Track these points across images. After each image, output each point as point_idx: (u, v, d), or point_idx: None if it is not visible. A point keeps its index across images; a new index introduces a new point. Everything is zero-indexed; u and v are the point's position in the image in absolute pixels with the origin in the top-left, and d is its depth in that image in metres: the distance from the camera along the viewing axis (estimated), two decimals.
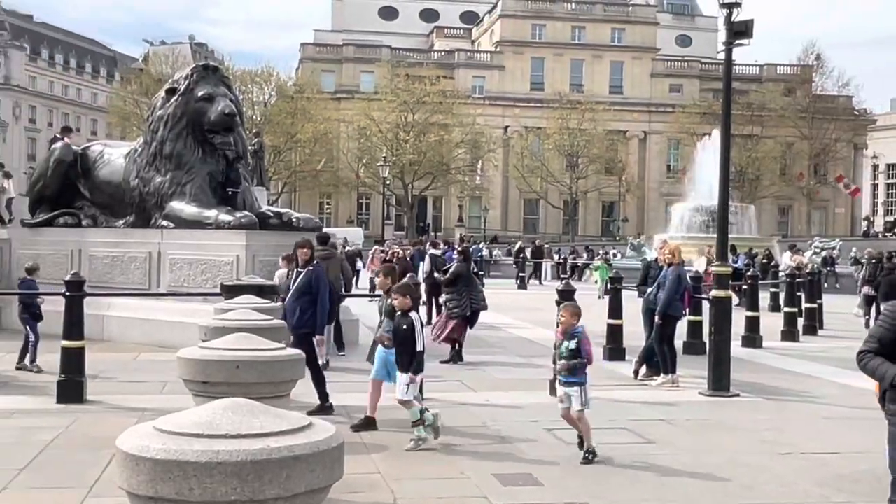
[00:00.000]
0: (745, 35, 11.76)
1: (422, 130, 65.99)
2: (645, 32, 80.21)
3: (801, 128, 72.27)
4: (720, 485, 7.35)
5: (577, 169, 70.80)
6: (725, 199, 12.61)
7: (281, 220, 16.65)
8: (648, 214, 74.57)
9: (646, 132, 77.95)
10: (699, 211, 41.27)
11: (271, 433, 2.81)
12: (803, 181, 74.00)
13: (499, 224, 74.31)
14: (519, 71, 77.87)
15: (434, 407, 10.36)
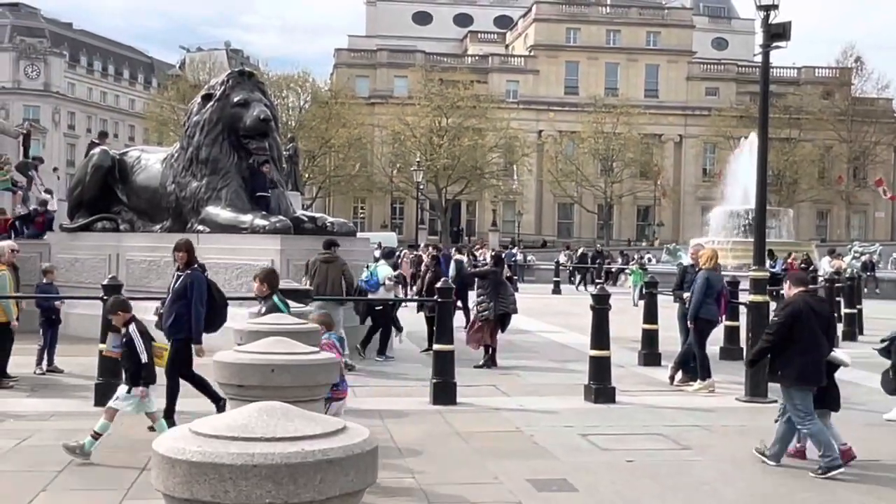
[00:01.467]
0: (782, 37, 11.65)
1: (455, 135, 65.97)
2: (681, 35, 79.63)
3: (839, 131, 71.35)
4: (758, 493, 7.28)
5: (611, 173, 70.40)
6: (763, 202, 12.49)
7: (315, 224, 16.74)
8: (684, 219, 74.01)
9: (681, 136, 77.37)
10: (736, 215, 40.93)
11: (306, 437, 2.82)
12: (842, 185, 73.05)
13: (532, 229, 74.13)
14: (553, 75, 77.67)
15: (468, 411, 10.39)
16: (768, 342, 8.13)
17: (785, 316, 8.10)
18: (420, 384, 11.49)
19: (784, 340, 7.96)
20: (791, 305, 8.15)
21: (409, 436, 8.99)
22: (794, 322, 7.97)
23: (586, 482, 7.38)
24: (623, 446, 8.71)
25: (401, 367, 14.14)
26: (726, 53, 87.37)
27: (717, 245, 27.57)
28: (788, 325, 8.00)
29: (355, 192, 71.25)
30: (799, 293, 8.28)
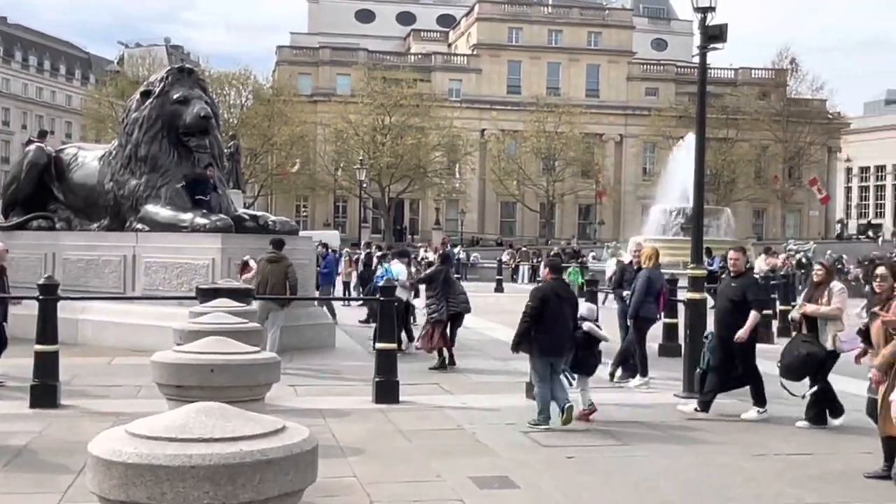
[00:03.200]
0: (719, 39, 11.86)
1: (398, 133, 65.90)
2: (621, 36, 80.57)
3: (775, 131, 72.77)
4: (694, 486, 7.40)
5: (553, 172, 70.98)
6: (701, 201, 12.70)
7: (257, 223, 16.62)
8: (625, 217, 74.84)
9: (622, 135, 78.28)
10: (674, 213, 41.50)
11: (244, 437, 2.80)
12: (778, 184, 74.53)
13: (476, 227, 74.40)
14: (495, 74, 78.02)
15: (411, 410, 10.40)
16: (526, 323, 9.47)
17: (536, 299, 9.49)
18: (363, 383, 11.45)
19: (536, 320, 9.37)
20: (541, 290, 9.72)
21: (351, 435, 8.96)
22: (543, 305, 9.38)
23: (527, 479, 7.43)
24: (564, 443, 8.79)
25: (343, 365, 14.09)
26: (665, 54, 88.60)
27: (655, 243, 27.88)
28: (539, 307, 9.40)
29: (298, 190, 70.77)
30: (550, 279, 9.91)
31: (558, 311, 9.46)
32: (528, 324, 9.44)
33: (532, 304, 9.46)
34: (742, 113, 71.78)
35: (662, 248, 25.41)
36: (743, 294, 10.09)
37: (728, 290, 10.38)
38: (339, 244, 44.73)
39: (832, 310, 9.46)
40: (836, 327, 9.47)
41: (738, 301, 10.05)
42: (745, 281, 10.41)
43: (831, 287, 9.68)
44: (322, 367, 13.82)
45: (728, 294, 10.29)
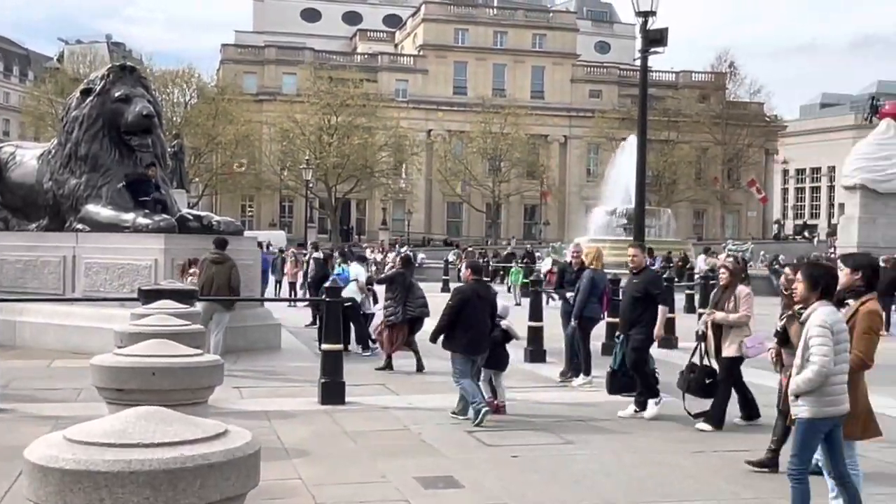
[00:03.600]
0: (660, 43, 12.05)
1: (345, 133, 65.59)
2: (565, 38, 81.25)
3: (714, 133, 74.01)
4: (636, 483, 7.49)
5: (499, 173, 71.32)
6: (642, 202, 12.90)
7: (201, 223, 16.43)
8: (569, 218, 75.44)
9: (566, 137, 78.92)
10: (616, 214, 41.93)
11: (185, 441, 2.76)
12: (717, 185, 75.79)
13: (422, 227, 74.42)
14: (442, 75, 78.13)
15: (357, 410, 10.37)
16: (445, 320, 9.84)
17: (456, 299, 9.90)
18: (309, 384, 11.40)
19: (456, 318, 9.70)
20: (462, 290, 10.13)
21: (296, 436, 8.91)
22: (463, 304, 9.74)
23: (472, 478, 7.46)
24: (508, 442, 8.83)
25: (289, 367, 14.00)
26: (609, 57, 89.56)
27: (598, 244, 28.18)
28: (459, 306, 9.75)
29: (243, 189, 70.10)
30: (471, 279, 10.24)
31: (478, 311, 9.85)
32: (448, 319, 9.81)
33: (452, 302, 9.88)
34: (683, 115, 72.82)
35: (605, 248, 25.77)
36: (645, 290, 10.18)
37: (630, 286, 10.50)
38: (284, 244, 44.46)
39: (741, 317, 9.51)
40: (742, 333, 9.52)
41: (640, 297, 10.17)
42: (646, 276, 10.48)
43: (738, 292, 9.70)
44: (267, 369, 13.71)
45: (630, 290, 10.42)
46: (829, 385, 5.60)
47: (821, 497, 6.26)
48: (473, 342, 9.81)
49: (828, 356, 5.51)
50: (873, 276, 6.37)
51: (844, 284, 6.26)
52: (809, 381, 5.57)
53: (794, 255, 46.02)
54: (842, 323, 5.77)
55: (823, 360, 5.50)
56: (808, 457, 5.88)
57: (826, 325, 5.58)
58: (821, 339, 5.55)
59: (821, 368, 5.51)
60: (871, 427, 6.27)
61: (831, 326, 5.58)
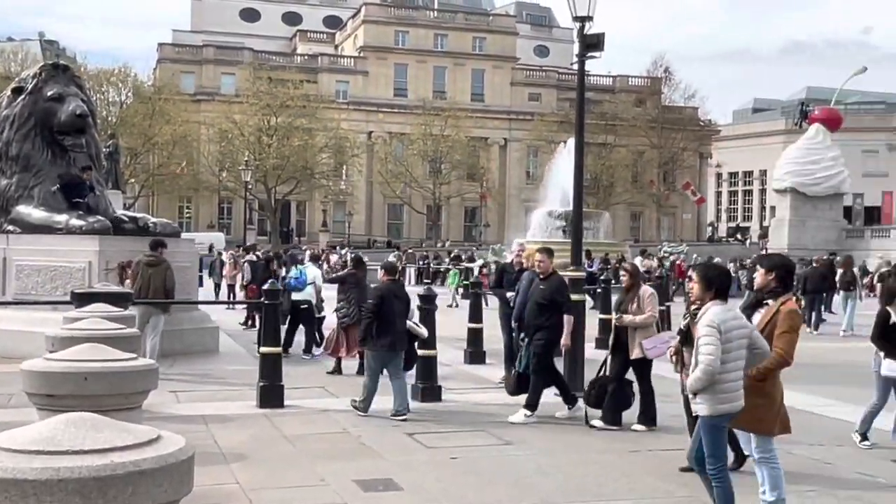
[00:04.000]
0: (596, 48, 12.15)
1: (285, 134, 65.00)
2: (505, 42, 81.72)
3: (651, 137, 75.02)
4: (573, 482, 7.56)
5: (440, 175, 71.34)
6: (580, 205, 12.99)
7: (137, 224, 16.15)
8: (509, 220, 75.82)
9: (506, 139, 79.34)
10: (555, 216, 42.27)
11: (116, 448, 2.70)
12: (653, 188, 76.85)
13: (363, 229, 74.16)
14: (382, 77, 77.96)
15: (296, 413, 10.28)
16: (368, 319, 10.19)
17: (375, 298, 10.33)
18: (248, 388, 11.27)
19: (375, 318, 10.05)
20: (379, 290, 10.51)
21: (234, 441, 8.80)
22: (380, 304, 10.08)
23: (411, 480, 7.45)
24: (448, 443, 8.84)
25: (227, 370, 13.83)
26: (548, 61, 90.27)
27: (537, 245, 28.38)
28: (378, 306, 10.10)
29: (181, 191, 69.07)
30: (386, 280, 10.64)
31: (394, 310, 10.17)
32: (369, 321, 10.15)
33: (372, 301, 10.29)
34: (620, 119, 73.71)
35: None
36: (551, 296, 10.01)
37: (536, 291, 10.25)
38: (223, 246, 43.95)
39: (647, 318, 9.55)
40: (647, 333, 9.53)
41: (546, 303, 9.97)
42: (553, 283, 10.22)
43: (641, 293, 9.71)
44: (205, 373, 13.52)
45: (536, 296, 10.18)
46: (723, 383, 5.73)
47: (748, 494, 6.38)
48: (389, 341, 10.12)
49: (713, 355, 5.64)
50: (787, 276, 6.55)
51: (760, 285, 6.55)
52: (698, 380, 5.73)
53: (727, 256, 46.96)
54: (733, 321, 5.84)
55: (709, 358, 5.64)
56: (722, 454, 5.99)
57: (714, 324, 5.70)
58: (707, 339, 5.69)
59: (706, 367, 5.65)
60: (786, 423, 6.41)
61: (719, 326, 5.70)
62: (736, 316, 5.95)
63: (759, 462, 6.28)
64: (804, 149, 54.94)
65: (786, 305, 6.31)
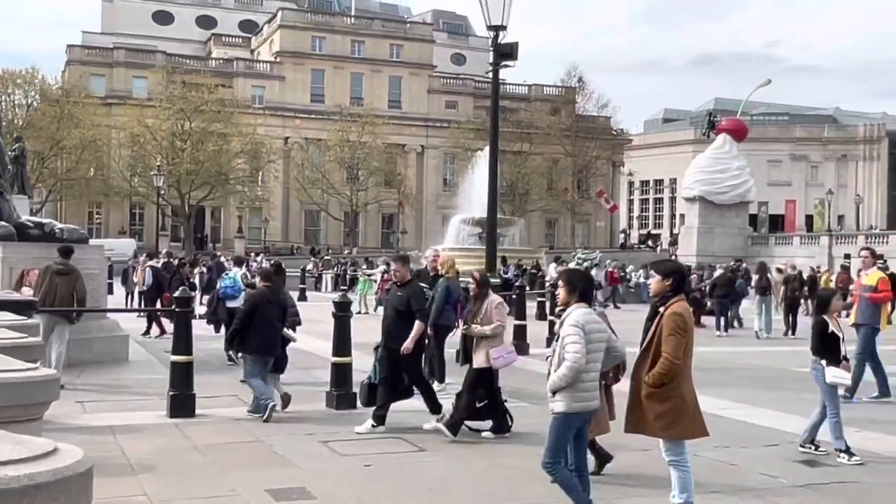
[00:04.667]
0: (510, 56, 12.29)
1: (199, 139, 63.83)
2: (422, 49, 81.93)
3: (565, 145, 76.12)
4: (486, 487, 7.59)
5: (357, 181, 71.05)
6: (494, 212, 13.10)
7: (43, 230, 15.68)
8: (426, 227, 75.98)
9: (423, 146, 79.50)
10: (471, 223, 42.54)
11: (10, 461, 2.60)
12: (568, 196, 77.97)
13: (279, 235, 73.37)
14: (299, 82, 77.33)
15: (208, 423, 10.09)
16: (238, 324, 10.57)
17: (248, 304, 10.74)
18: (158, 397, 11.03)
19: (248, 322, 10.38)
20: (253, 296, 10.96)
21: (142, 451, 8.59)
22: (254, 309, 10.42)
23: (325, 488, 7.38)
24: (362, 451, 8.79)
25: (137, 379, 13.50)
26: (465, 69, 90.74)
27: (453, 252, 28.52)
28: (251, 311, 10.44)
29: (91, 196, 67.26)
30: (263, 286, 11.02)
31: (269, 315, 10.52)
32: (241, 323, 10.52)
33: (245, 307, 10.78)
34: (535, 127, 74.58)
35: (460, 256, 26.11)
36: (408, 303, 9.83)
37: (394, 299, 10.11)
38: (134, 251, 42.91)
39: (495, 327, 9.47)
40: (493, 343, 9.45)
41: (403, 311, 9.82)
42: (410, 290, 10.00)
43: (488, 303, 9.61)
44: (114, 382, 13.19)
45: (393, 303, 10.04)
46: (581, 382, 5.96)
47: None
48: (265, 344, 10.49)
49: (579, 353, 5.88)
50: (682, 281, 6.67)
51: (657, 291, 6.58)
52: (564, 377, 5.92)
53: (639, 262, 47.91)
54: (595, 324, 6.13)
55: (575, 356, 5.87)
56: (560, 449, 6.15)
57: (578, 324, 5.96)
58: (573, 338, 5.92)
59: (573, 364, 5.86)
60: (702, 427, 6.55)
61: (583, 326, 5.96)
62: (595, 320, 6.22)
63: (670, 465, 6.43)
64: (712, 158, 56.36)
65: (669, 308, 6.33)
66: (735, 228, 55.69)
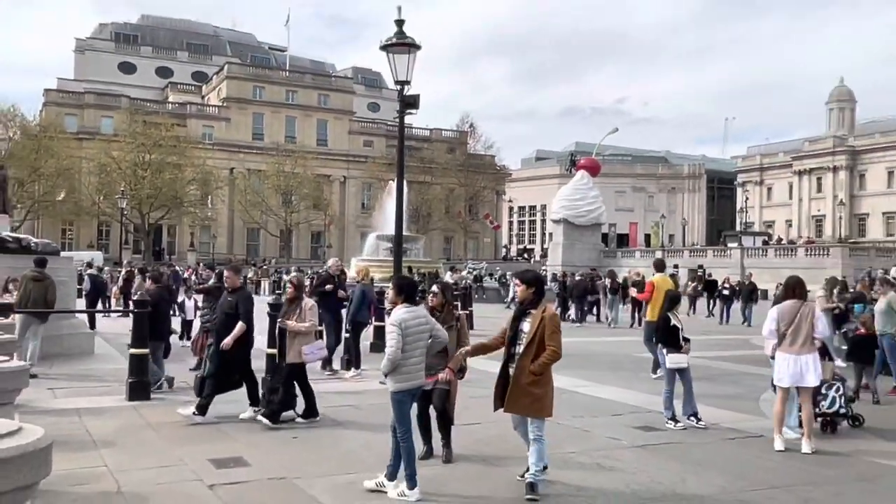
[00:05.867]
0: (413, 106, 12.34)
1: (157, 169, 61.89)
2: (344, 98, 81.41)
3: (459, 178, 76.74)
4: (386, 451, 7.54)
5: (290, 204, 70.11)
6: (400, 230, 13.09)
7: (20, 244, 14.94)
8: (348, 242, 75.40)
9: (345, 177, 78.93)
10: (384, 239, 42.41)
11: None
12: (461, 218, 78.59)
13: (225, 249, 71.60)
14: (242, 123, 75.82)
15: (161, 405, 9.75)
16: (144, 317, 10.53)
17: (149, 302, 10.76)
18: (118, 384, 10.61)
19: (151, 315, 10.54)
20: (151, 295, 11.13)
21: (104, 430, 8.24)
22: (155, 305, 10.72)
23: (258, 458, 7.22)
24: (291, 425, 8.63)
25: (102, 369, 12.95)
26: (379, 114, 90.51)
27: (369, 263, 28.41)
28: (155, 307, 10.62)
29: (63, 215, 64.38)
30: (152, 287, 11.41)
31: (164, 309, 11.38)
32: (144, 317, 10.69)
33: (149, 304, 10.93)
34: (435, 163, 74.99)
35: (375, 267, 26.00)
36: (236, 306, 9.07)
37: (225, 303, 9.29)
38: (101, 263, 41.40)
39: (309, 326, 8.85)
40: (306, 340, 8.85)
41: (232, 314, 9.16)
42: (239, 296, 9.23)
43: (304, 304, 8.96)
44: (81, 372, 12.61)
45: (224, 307, 9.23)
46: (405, 366, 6.09)
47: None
48: (159, 332, 11.05)
49: (394, 347, 6.03)
50: (541, 288, 6.51)
51: (522, 297, 6.33)
52: (384, 366, 6.14)
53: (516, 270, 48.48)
54: (412, 320, 6.16)
55: (390, 350, 6.06)
56: (407, 421, 6.17)
57: (395, 323, 6.11)
58: (391, 335, 6.09)
59: (389, 356, 6.06)
60: (551, 407, 6.36)
61: (400, 324, 6.09)
62: (416, 315, 6.23)
63: (534, 440, 6.18)
64: (573, 189, 57.50)
65: (548, 312, 6.27)
66: (591, 244, 56.91)
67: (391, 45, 11.68)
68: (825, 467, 7.33)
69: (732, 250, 53.60)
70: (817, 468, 7.29)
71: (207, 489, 6.22)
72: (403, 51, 11.66)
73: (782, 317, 8.04)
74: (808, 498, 6.34)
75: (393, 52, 11.70)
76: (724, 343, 19.17)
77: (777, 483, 6.74)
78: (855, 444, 8.24)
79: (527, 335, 6.15)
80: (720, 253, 54.51)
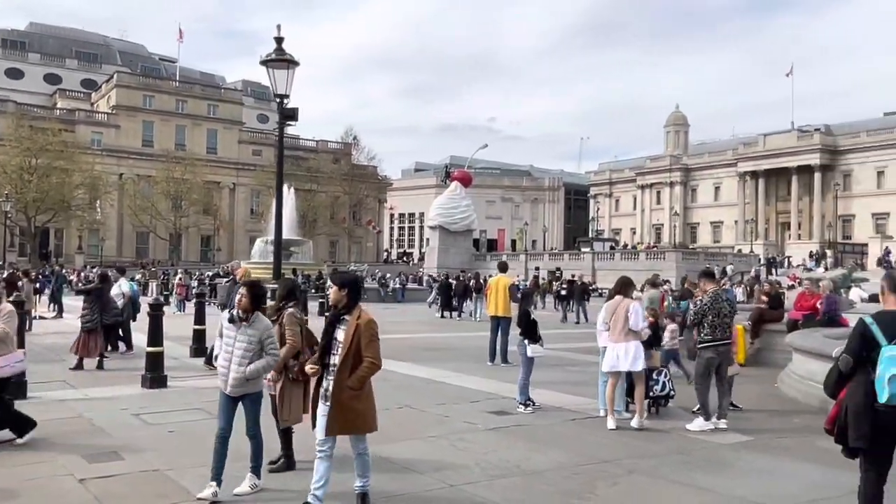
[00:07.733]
0: (292, 118, 12.14)
1: (45, 173, 57.47)
2: (233, 109, 78.70)
3: (344, 186, 75.93)
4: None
5: (180, 209, 67.02)
6: (279, 235, 12.83)
7: None
8: (237, 246, 72.95)
9: (234, 184, 76.31)
10: (270, 243, 41.38)
11: None
12: (345, 224, 77.84)
13: (115, 252, 67.53)
14: (132, 131, 71.75)
15: (37, 404, 9.08)
16: None
17: None
18: None
19: None
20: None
21: None
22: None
23: (133, 451, 6.88)
24: (167, 420, 8.28)
25: None
26: (267, 126, 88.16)
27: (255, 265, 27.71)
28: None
29: None
30: None
31: None
32: None
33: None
34: (321, 172, 73.85)
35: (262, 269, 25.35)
36: None
37: None
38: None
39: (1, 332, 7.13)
40: None
41: None
42: None
43: None
44: None
45: None
46: None
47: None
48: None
49: None
50: (357, 291, 5.37)
51: (336, 300, 5.26)
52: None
53: (395, 273, 48.59)
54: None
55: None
56: None
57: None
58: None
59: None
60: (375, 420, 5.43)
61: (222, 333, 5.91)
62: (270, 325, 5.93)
63: (359, 455, 5.38)
64: (447, 198, 58.30)
65: (363, 318, 5.17)
66: (464, 248, 57.86)
67: (270, 61, 11.44)
68: (650, 442, 7.79)
69: (585, 254, 55.93)
70: (643, 443, 7.74)
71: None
72: (283, 66, 11.45)
73: (608, 311, 8.64)
74: (632, 469, 6.71)
75: (272, 68, 11.46)
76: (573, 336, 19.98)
77: (608, 457, 7.10)
78: (674, 423, 8.80)
79: (342, 345, 5.13)
80: (574, 256, 56.77)
